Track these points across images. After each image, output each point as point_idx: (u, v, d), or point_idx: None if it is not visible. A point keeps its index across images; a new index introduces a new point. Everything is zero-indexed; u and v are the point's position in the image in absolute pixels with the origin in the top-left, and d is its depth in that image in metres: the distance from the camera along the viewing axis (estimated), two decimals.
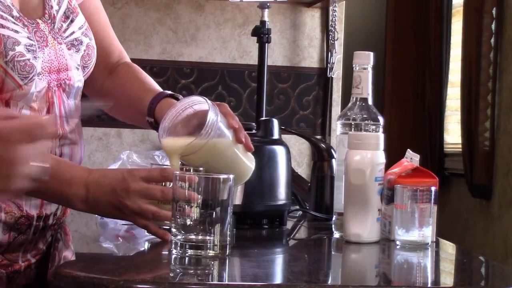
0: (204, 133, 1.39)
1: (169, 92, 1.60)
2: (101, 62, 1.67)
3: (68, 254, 1.36)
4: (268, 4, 3.06)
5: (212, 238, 1.26)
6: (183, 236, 1.26)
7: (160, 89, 1.62)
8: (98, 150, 3.19)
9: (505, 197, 3.29)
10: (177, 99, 1.57)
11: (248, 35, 3.21)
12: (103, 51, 1.69)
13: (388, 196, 1.50)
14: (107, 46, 1.71)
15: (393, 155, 1.61)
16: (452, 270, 1.41)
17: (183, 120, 1.46)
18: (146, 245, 1.46)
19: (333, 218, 1.58)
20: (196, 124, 1.44)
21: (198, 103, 1.45)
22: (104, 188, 1.37)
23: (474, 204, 3.55)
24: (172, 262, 1.26)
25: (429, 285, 1.24)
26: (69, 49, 1.54)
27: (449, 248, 1.58)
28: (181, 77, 3.26)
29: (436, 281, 1.30)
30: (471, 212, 3.63)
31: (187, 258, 1.25)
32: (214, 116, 1.40)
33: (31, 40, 1.45)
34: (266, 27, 3.04)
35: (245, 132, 1.48)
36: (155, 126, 1.57)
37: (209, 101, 1.43)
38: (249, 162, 1.48)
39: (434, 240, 1.50)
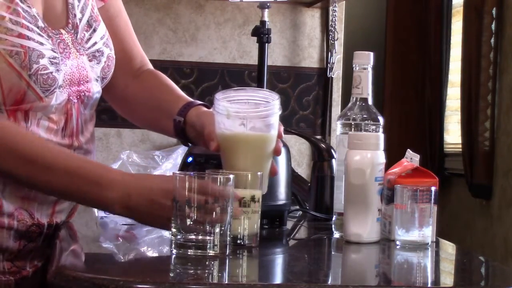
0: (269, 105, 1.40)
1: (201, 102, 1.59)
2: (123, 66, 1.65)
3: (77, 248, 1.36)
4: (268, 4, 3.06)
5: (212, 238, 1.26)
6: (183, 236, 1.26)
7: (190, 98, 1.62)
8: (98, 150, 3.19)
9: (505, 197, 3.29)
10: (208, 107, 1.56)
11: (248, 35, 3.21)
12: (125, 54, 1.66)
13: (388, 196, 1.50)
14: (128, 50, 1.68)
15: (393, 155, 1.60)
16: (452, 270, 1.41)
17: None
18: (146, 245, 1.46)
19: (333, 218, 1.58)
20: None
21: (267, 101, 1.45)
22: (146, 196, 1.35)
23: (474, 204, 3.55)
24: (172, 262, 1.26)
25: (429, 285, 1.24)
26: (90, 60, 1.52)
27: (449, 248, 1.58)
28: (181, 77, 3.26)
29: (436, 281, 1.30)
30: (471, 212, 3.63)
31: (187, 258, 1.25)
32: (278, 109, 1.42)
33: (55, 52, 1.44)
34: (266, 27, 3.03)
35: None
36: (182, 127, 1.55)
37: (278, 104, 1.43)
38: (267, 184, 1.46)
39: (434, 240, 1.50)
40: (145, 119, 1.70)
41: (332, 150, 1.84)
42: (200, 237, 1.26)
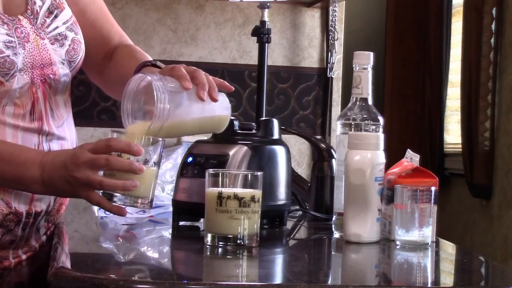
0: (159, 115, 1.38)
1: (151, 60, 1.59)
2: (103, 49, 1.67)
3: (77, 248, 1.36)
4: (268, 4, 3.06)
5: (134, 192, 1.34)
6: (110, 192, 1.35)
7: (149, 58, 1.61)
8: None
9: (505, 197, 3.29)
10: (159, 67, 1.57)
11: (248, 35, 3.21)
12: (103, 38, 1.69)
13: (388, 196, 1.50)
14: (106, 32, 1.70)
15: (393, 155, 1.61)
16: (452, 270, 1.41)
17: (142, 95, 1.44)
18: (146, 245, 1.46)
19: (333, 218, 1.58)
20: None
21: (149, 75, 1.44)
22: (57, 164, 1.37)
23: (474, 204, 3.55)
24: (172, 262, 1.26)
25: (429, 285, 1.24)
26: (52, 43, 1.54)
27: (449, 248, 1.58)
28: None
29: (436, 281, 1.30)
30: (471, 212, 3.63)
31: (187, 258, 1.25)
32: (162, 91, 1.39)
33: (11, 36, 1.45)
34: (266, 27, 3.03)
35: (213, 81, 1.47)
36: None
37: (153, 76, 1.42)
38: (221, 110, 1.48)
39: (434, 240, 1.50)
40: (117, 95, 1.72)
41: (332, 150, 1.84)
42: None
